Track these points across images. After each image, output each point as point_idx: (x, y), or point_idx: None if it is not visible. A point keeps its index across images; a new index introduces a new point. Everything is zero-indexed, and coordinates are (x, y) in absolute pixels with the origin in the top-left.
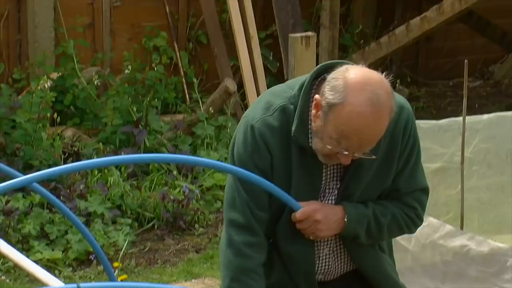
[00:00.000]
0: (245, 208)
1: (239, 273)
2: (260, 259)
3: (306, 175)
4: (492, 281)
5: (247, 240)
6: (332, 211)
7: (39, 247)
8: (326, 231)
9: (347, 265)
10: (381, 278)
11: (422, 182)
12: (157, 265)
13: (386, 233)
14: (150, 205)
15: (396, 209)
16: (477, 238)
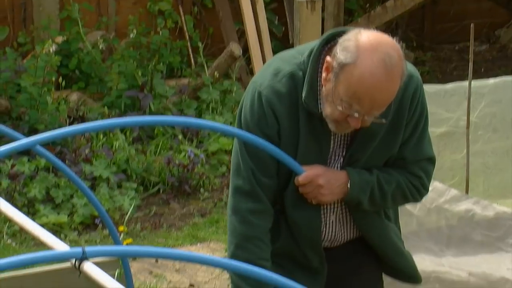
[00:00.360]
0: (249, 175)
1: (244, 240)
2: (264, 226)
3: (314, 142)
4: (497, 245)
5: (252, 207)
6: (335, 176)
7: (44, 211)
8: (328, 196)
9: (353, 233)
10: (386, 246)
11: (428, 152)
12: (162, 229)
13: (390, 200)
14: (155, 170)
15: (401, 177)
16: (482, 203)
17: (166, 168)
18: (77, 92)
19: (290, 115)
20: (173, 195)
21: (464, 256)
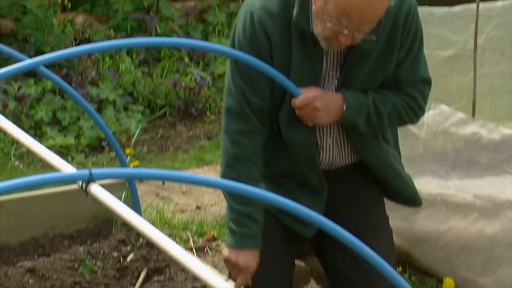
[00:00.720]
0: (239, 95)
1: (232, 160)
2: (254, 146)
3: (306, 62)
4: (503, 168)
5: (241, 128)
6: (331, 99)
7: (51, 133)
8: (325, 119)
9: (351, 157)
10: (385, 168)
11: (424, 73)
12: (169, 151)
13: (386, 122)
14: (161, 92)
15: (397, 98)
16: (488, 126)
17: (172, 91)
18: (83, 14)
19: (282, 35)
20: (179, 118)
21: (470, 178)
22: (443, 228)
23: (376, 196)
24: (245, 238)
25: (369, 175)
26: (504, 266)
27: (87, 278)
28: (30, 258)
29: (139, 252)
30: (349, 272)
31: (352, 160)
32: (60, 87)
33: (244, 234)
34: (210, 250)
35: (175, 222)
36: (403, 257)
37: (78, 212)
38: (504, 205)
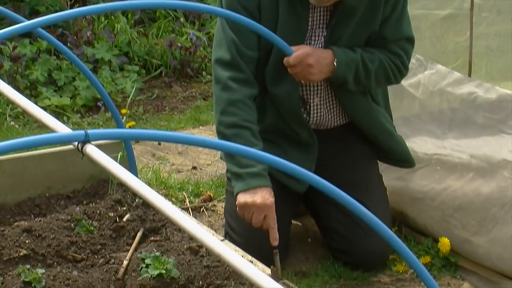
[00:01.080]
0: (231, 46)
1: (227, 105)
2: (246, 91)
3: (293, 19)
4: (499, 128)
5: (233, 75)
6: (323, 55)
7: (47, 94)
8: (317, 75)
9: (340, 117)
10: (375, 128)
11: (408, 31)
12: (164, 112)
13: (374, 79)
14: (157, 52)
15: (383, 56)
16: (484, 85)
17: (168, 51)
18: None
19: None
20: (175, 78)
21: (466, 138)
22: (438, 187)
23: (368, 154)
24: (252, 178)
25: (360, 136)
26: (499, 225)
27: (84, 238)
28: (27, 218)
29: (135, 212)
30: (343, 230)
31: (342, 121)
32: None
33: (251, 174)
34: (206, 210)
35: (171, 182)
36: (399, 216)
37: (74, 173)
38: (499, 164)
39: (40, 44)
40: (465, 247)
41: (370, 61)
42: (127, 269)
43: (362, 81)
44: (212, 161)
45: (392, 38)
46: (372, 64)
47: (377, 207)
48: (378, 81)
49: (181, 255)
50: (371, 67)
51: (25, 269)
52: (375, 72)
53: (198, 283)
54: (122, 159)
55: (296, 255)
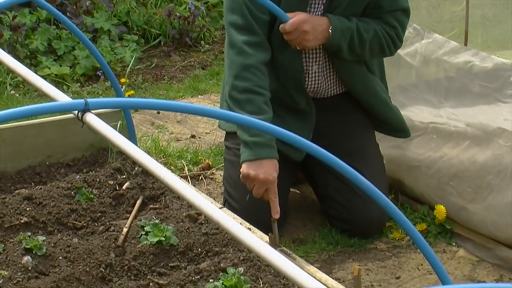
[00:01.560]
0: (243, 10)
1: (241, 70)
2: (260, 56)
3: None
4: (495, 96)
5: (247, 39)
6: (318, 22)
7: (46, 63)
8: (312, 41)
9: (337, 86)
10: (371, 97)
11: (404, 3)
12: (163, 81)
13: (368, 49)
14: (156, 22)
15: (378, 26)
16: (481, 54)
17: (167, 21)
18: None
19: None
20: (174, 47)
21: (462, 107)
22: (435, 156)
23: (365, 123)
24: (259, 148)
25: (356, 105)
26: (495, 192)
27: (84, 206)
28: (27, 186)
29: (135, 180)
30: (341, 197)
31: (339, 89)
32: (55, 16)
33: (258, 143)
34: (205, 178)
35: (170, 150)
36: (396, 184)
37: (74, 141)
38: (495, 133)
39: (40, 13)
40: (461, 215)
41: (365, 31)
42: (127, 237)
43: (356, 49)
44: (211, 129)
45: (388, 8)
46: (367, 34)
47: (374, 175)
48: (372, 51)
49: (180, 222)
50: (366, 37)
51: (26, 236)
52: (369, 42)
53: (197, 250)
54: (121, 127)
55: (294, 222)
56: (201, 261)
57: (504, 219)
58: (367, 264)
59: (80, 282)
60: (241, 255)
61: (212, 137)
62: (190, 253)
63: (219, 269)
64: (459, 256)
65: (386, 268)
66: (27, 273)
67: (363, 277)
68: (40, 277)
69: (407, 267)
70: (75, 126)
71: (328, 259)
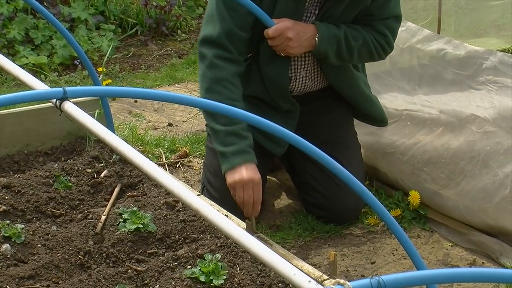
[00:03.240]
0: (221, 25)
1: (212, 83)
2: (231, 69)
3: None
4: (467, 83)
5: (219, 53)
6: (303, 29)
7: (24, 52)
8: (297, 49)
9: (322, 83)
10: (356, 95)
11: (396, 10)
12: (140, 70)
13: (356, 56)
14: (133, 11)
15: (368, 34)
16: (453, 42)
17: (143, 10)
18: None
19: None
20: (150, 36)
21: (435, 94)
22: (409, 142)
23: (345, 113)
24: (237, 156)
25: (337, 96)
26: (467, 178)
27: (62, 194)
28: (6, 175)
29: (113, 168)
30: (318, 185)
31: (322, 85)
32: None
33: (234, 152)
34: (182, 166)
35: (147, 138)
36: (371, 170)
37: (52, 130)
38: (468, 119)
39: (17, 3)
40: (435, 200)
41: (353, 39)
42: (105, 224)
43: (344, 57)
44: (188, 118)
45: (379, 16)
46: (356, 42)
47: (352, 164)
48: (360, 58)
49: (158, 210)
50: (354, 45)
51: (4, 224)
52: (358, 50)
53: (175, 237)
54: (99, 116)
55: (270, 209)
56: (179, 248)
57: (477, 204)
58: (343, 249)
59: (59, 269)
60: (218, 241)
61: (189, 125)
62: (168, 240)
63: (197, 256)
64: (433, 241)
65: (362, 253)
66: (6, 261)
67: (339, 262)
68: (19, 264)
69: (382, 252)
70: (53, 114)
71: (304, 245)
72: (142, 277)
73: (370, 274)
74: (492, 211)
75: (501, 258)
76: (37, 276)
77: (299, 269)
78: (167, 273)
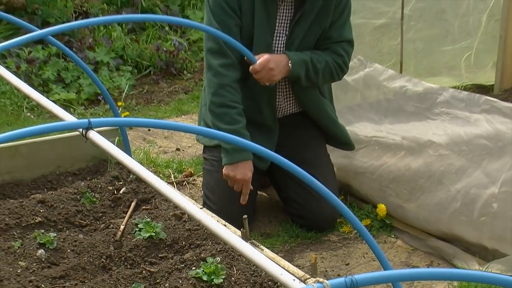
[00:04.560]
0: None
1: (218, 88)
2: (233, 76)
3: (265, 14)
4: (425, 114)
5: (222, 62)
6: (279, 59)
7: (56, 90)
8: (278, 76)
9: (294, 107)
10: (323, 116)
11: (349, 35)
12: (153, 104)
13: (321, 76)
14: (146, 55)
15: (328, 57)
16: (413, 80)
17: (155, 54)
18: None
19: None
20: (161, 76)
21: (399, 123)
22: (377, 163)
23: (319, 137)
24: (235, 153)
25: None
26: (426, 194)
27: (88, 207)
28: (41, 192)
29: (130, 186)
30: (300, 198)
31: (296, 109)
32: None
33: (234, 149)
34: (188, 184)
35: (159, 161)
36: (345, 187)
37: (79, 154)
38: (426, 144)
39: (51, 49)
40: (398, 212)
41: (317, 62)
42: (124, 232)
43: (312, 78)
44: (192, 143)
45: (336, 38)
46: (320, 64)
47: (327, 180)
48: (324, 78)
49: (168, 220)
50: (319, 67)
51: (40, 233)
52: (322, 70)
53: (182, 243)
54: (118, 142)
55: (262, 219)
56: (185, 252)
57: (433, 215)
58: (322, 253)
59: (85, 270)
60: (218, 247)
61: (193, 150)
62: (176, 246)
63: (200, 259)
64: (397, 245)
65: (338, 256)
66: (41, 263)
67: (319, 264)
68: (52, 266)
69: (355, 255)
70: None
71: (290, 250)
72: (154, 277)
73: (345, 274)
74: (446, 221)
75: (453, 260)
76: (66, 276)
77: (286, 270)
78: (175, 273)
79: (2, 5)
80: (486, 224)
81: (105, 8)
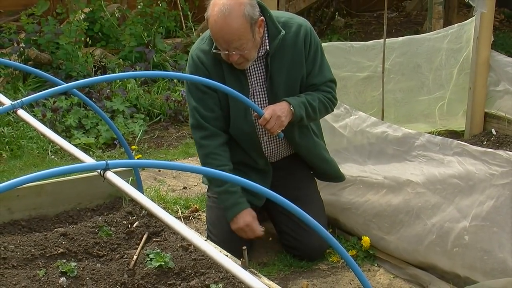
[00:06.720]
0: (194, 113)
1: (204, 158)
2: (215, 143)
3: (236, 81)
4: (404, 157)
5: (201, 134)
6: (282, 106)
7: (78, 135)
8: (285, 121)
9: (286, 150)
10: (314, 158)
11: (329, 76)
12: (163, 147)
13: (318, 112)
14: (157, 104)
15: (319, 94)
16: (393, 126)
17: (165, 103)
18: (100, 48)
19: (215, 64)
20: (170, 122)
21: (380, 164)
22: (361, 200)
23: (309, 176)
24: (230, 209)
25: (302, 163)
26: (405, 227)
27: (104, 240)
28: (63, 226)
29: (142, 221)
30: (292, 232)
31: (288, 153)
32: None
33: (228, 206)
34: (194, 219)
35: (168, 198)
36: (333, 221)
37: (97, 192)
38: (405, 183)
39: (73, 99)
40: (381, 243)
41: (312, 100)
42: (136, 262)
43: (311, 115)
44: (198, 183)
45: (320, 82)
46: (315, 102)
47: (317, 215)
48: (321, 113)
49: (176, 251)
50: (315, 104)
51: (62, 262)
52: (318, 107)
53: (188, 271)
54: (132, 181)
55: (259, 250)
56: (191, 280)
57: (412, 246)
58: (313, 280)
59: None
60: (220, 275)
61: (199, 188)
62: (183, 274)
63: (205, 286)
64: (380, 273)
65: (327, 283)
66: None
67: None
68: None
69: (342, 282)
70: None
71: (284, 277)
72: None
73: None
74: (423, 251)
75: (430, 286)
76: None
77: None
78: None
79: (31, 61)
80: (459, 254)
81: (121, 63)
